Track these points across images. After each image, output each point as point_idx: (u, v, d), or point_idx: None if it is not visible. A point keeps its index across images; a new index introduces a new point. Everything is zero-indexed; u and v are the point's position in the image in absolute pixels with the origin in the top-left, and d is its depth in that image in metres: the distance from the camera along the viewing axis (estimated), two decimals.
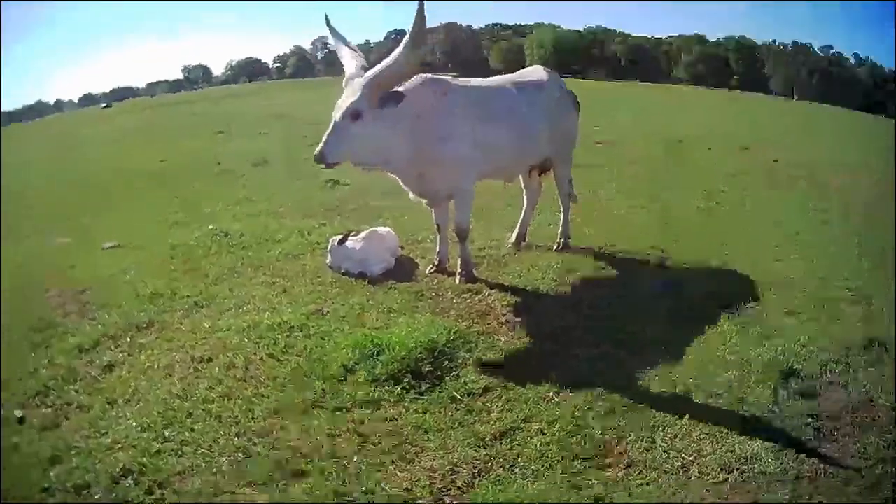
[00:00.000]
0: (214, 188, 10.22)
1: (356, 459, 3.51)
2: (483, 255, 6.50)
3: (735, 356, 4.49)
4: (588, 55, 57.39)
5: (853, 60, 50.15)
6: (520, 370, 4.33)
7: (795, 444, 3.57)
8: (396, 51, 4.93)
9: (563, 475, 3.39)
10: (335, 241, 6.11)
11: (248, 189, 9.95)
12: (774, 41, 53.67)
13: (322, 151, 4.83)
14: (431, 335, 4.51)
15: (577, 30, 57.02)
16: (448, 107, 5.46)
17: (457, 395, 4.05)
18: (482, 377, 4.25)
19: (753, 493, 3.26)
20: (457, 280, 5.81)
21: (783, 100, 42.03)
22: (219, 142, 15.53)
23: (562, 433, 3.70)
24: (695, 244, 6.92)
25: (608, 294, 5.62)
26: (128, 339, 4.92)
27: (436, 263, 6.12)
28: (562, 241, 6.72)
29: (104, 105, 33.04)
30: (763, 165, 12.56)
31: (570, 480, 3.36)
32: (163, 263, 6.58)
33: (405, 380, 4.13)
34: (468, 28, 58.59)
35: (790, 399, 3.98)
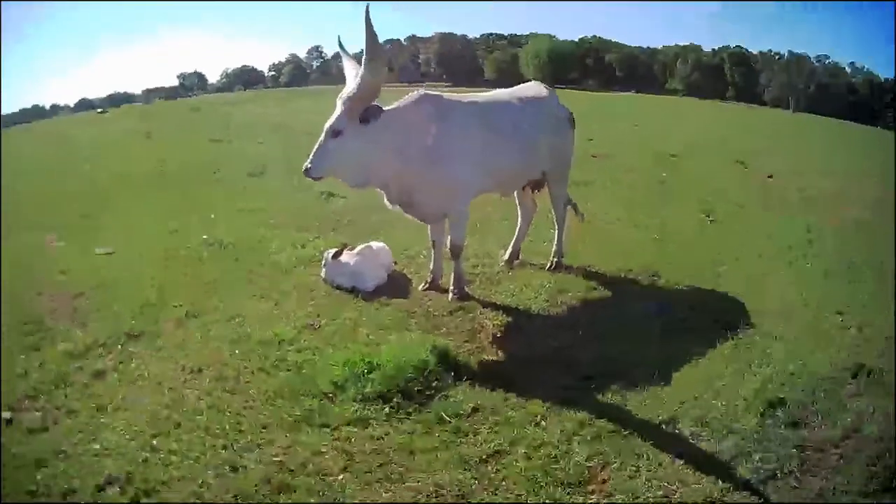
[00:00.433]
0: (210, 197, 10.17)
1: (341, 477, 3.53)
2: (476, 273, 6.52)
3: (724, 382, 4.50)
4: (583, 65, 57.36)
5: (849, 70, 50.15)
6: (509, 391, 4.35)
7: (779, 477, 3.58)
8: (360, 70, 5.01)
9: (546, 501, 3.41)
10: (330, 255, 6.11)
11: (244, 199, 9.91)
12: (770, 51, 53.68)
13: (308, 166, 5.04)
14: (422, 355, 4.51)
15: (573, 40, 56.94)
16: (443, 125, 5.48)
17: (445, 416, 4.06)
18: (471, 398, 4.27)
19: None
20: (449, 297, 5.83)
21: (779, 111, 41.99)
22: (215, 150, 15.48)
23: (547, 458, 3.72)
24: (688, 265, 6.93)
25: (600, 315, 5.64)
26: (119, 347, 4.92)
27: (429, 280, 6.14)
28: (555, 260, 6.72)
29: (100, 110, 32.86)
30: (757, 181, 12.56)
31: None
32: (156, 271, 6.57)
33: (394, 399, 4.15)
34: (463, 38, 58.46)
35: (777, 428, 3.97)
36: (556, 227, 6.79)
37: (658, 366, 4.68)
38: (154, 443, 3.75)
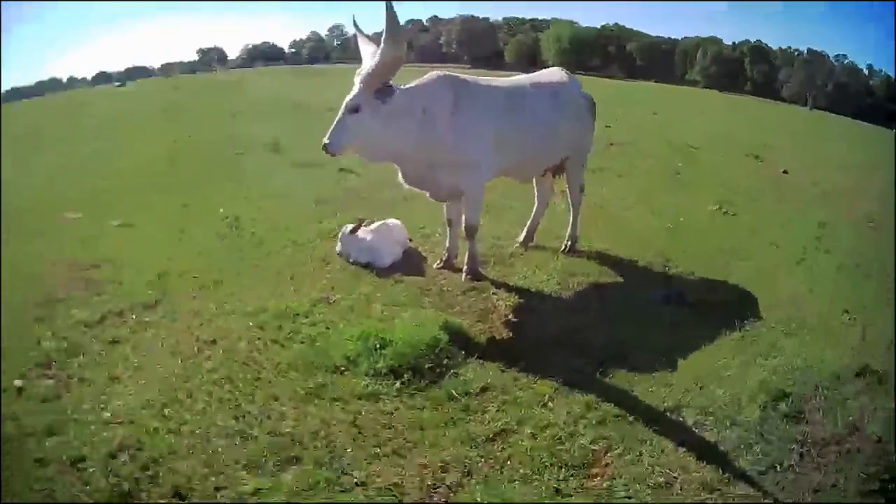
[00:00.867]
0: (227, 172, 10.20)
1: (350, 450, 3.58)
2: (490, 254, 6.51)
3: (729, 373, 4.52)
4: (604, 53, 57.00)
5: (867, 71, 49.59)
6: (518, 372, 4.38)
7: (779, 469, 3.61)
8: (380, 48, 5.00)
9: (549, 482, 3.45)
10: (347, 230, 6.14)
11: (261, 174, 9.94)
12: (790, 47, 53.15)
13: (326, 142, 5.05)
14: (435, 332, 4.56)
15: (595, 27, 56.52)
16: (459, 105, 5.48)
17: (454, 394, 4.10)
18: (480, 376, 4.31)
19: None
20: (463, 277, 5.85)
21: (796, 107, 41.60)
22: (233, 125, 15.45)
23: (552, 439, 3.76)
24: (700, 255, 6.91)
25: (611, 300, 5.66)
26: (133, 317, 4.97)
27: (444, 259, 6.16)
28: (569, 244, 6.73)
29: (118, 83, 32.94)
30: (773, 176, 12.48)
31: (556, 487, 3.42)
32: (172, 244, 6.62)
33: (405, 375, 4.19)
34: (485, 20, 58.11)
35: (778, 422, 3.99)
36: (572, 212, 6.77)
37: (666, 353, 4.71)
38: (166, 412, 3.80)
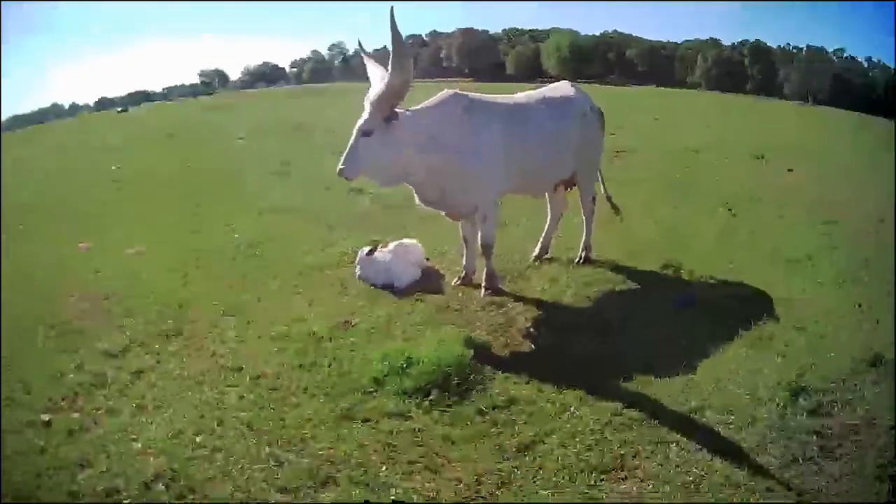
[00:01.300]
0: (237, 196, 10.27)
1: (384, 469, 3.61)
2: (506, 268, 6.56)
3: (746, 373, 4.57)
4: (604, 60, 57.11)
5: (866, 64, 49.58)
6: (542, 383, 4.43)
7: (801, 462, 3.67)
8: (388, 73, 5.09)
9: (582, 488, 3.50)
10: (364, 253, 6.19)
11: (270, 197, 9.99)
12: (789, 45, 53.18)
13: (341, 167, 5.16)
14: (458, 349, 4.61)
15: (594, 34, 56.64)
16: (471, 123, 5.55)
17: (482, 408, 4.16)
18: (507, 390, 4.36)
19: None
20: (482, 293, 5.90)
21: (798, 104, 41.55)
22: (239, 149, 15.56)
23: (581, 446, 3.81)
24: (710, 258, 6.97)
25: (627, 309, 5.70)
26: (156, 347, 5.01)
27: (461, 276, 6.20)
28: (583, 255, 6.79)
29: (120, 109, 33.08)
30: (777, 176, 12.50)
31: (589, 493, 3.47)
32: (188, 271, 6.67)
33: (433, 393, 4.23)
34: (484, 33, 58.31)
35: (798, 416, 4.05)
36: (585, 223, 6.82)
37: (684, 356, 4.75)
38: (197, 440, 3.82)
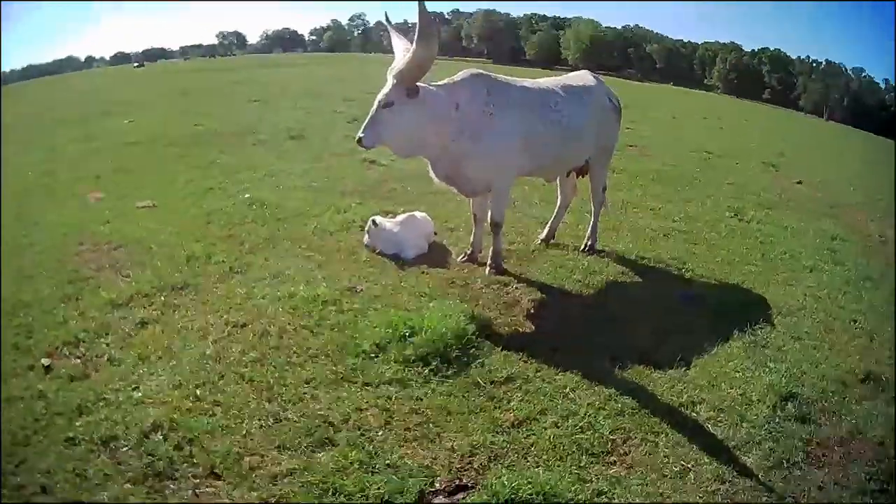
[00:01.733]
0: (250, 157, 10.31)
1: (381, 434, 3.67)
2: (513, 249, 6.61)
3: (741, 374, 4.63)
4: (624, 54, 56.97)
5: (883, 86, 49.48)
6: (541, 364, 4.47)
7: (785, 466, 3.74)
8: (413, 47, 5.10)
9: (572, 468, 3.56)
10: (373, 222, 6.22)
11: (285, 162, 10.02)
12: (808, 57, 53.06)
13: (360, 136, 5.19)
14: (461, 322, 4.65)
15: (616, 27, 56.49)
16: (490, 103, 5.57)
17: (480, 382, 4.20)
18: (505, 367, 4.40)
19: None
20: (486, 271, 5.94)
21: (813, 117, 41.49)
22: (254, 111, 15.50)
23: (574, 428, 3.87)
24: (715, 260, 7.00)
25: (629, 299, 5.75)
26: (161, 299, 5.05)
27: (468, 253, 6.24)
28: (589, 243, 6.81)
29: (136, 64, 33.02)
30: (787, 186, 12.58)
31: (577, 474, 3.52)
32: (198, 227, 6.73)
33: (433, 362, 4.28)
34: (506, 16, 58.11)
35: (786, 421, 4.12)
36: (593, 211, 6.85)
37: (681, 352, 4.79)
38: (198, 392, 3.86)
